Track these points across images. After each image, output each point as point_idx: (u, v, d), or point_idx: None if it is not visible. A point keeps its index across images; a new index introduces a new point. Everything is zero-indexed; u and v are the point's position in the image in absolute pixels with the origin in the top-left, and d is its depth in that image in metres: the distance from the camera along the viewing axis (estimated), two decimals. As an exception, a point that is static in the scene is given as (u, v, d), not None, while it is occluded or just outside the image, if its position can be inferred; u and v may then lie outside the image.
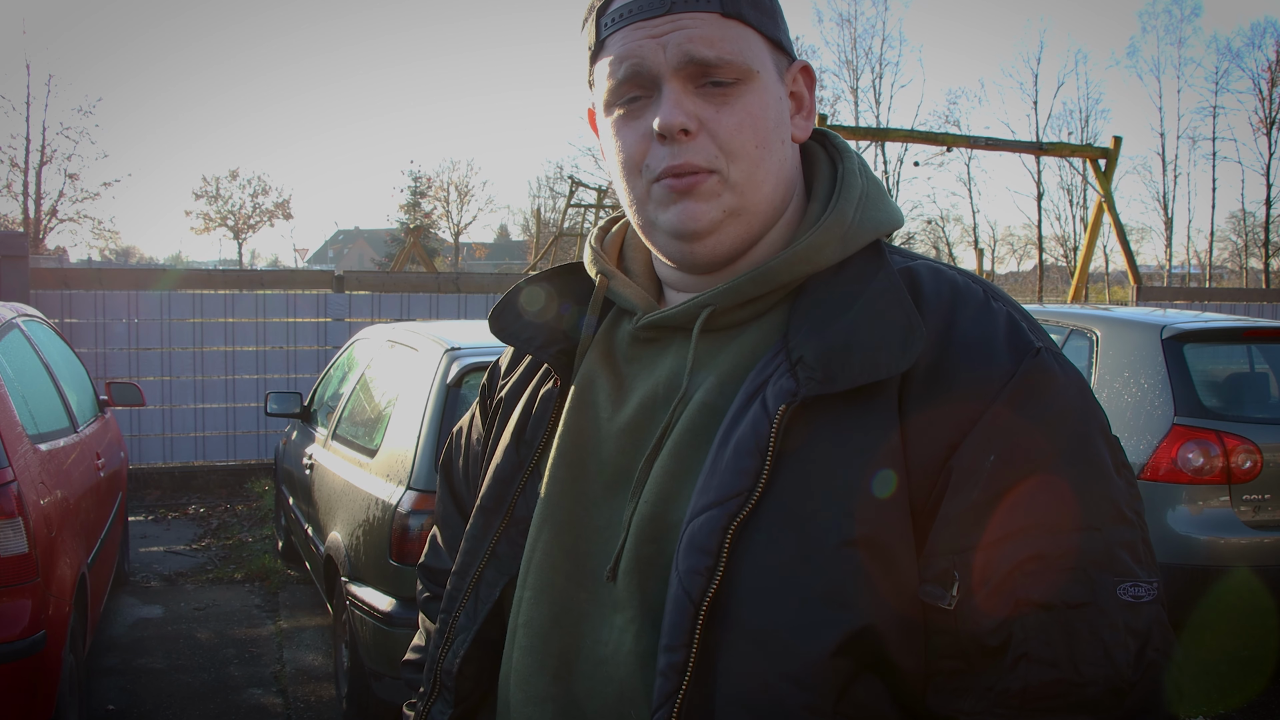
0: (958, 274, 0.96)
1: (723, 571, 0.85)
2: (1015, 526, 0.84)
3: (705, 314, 0.97)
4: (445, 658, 1.08)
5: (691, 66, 0.92)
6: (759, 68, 0.94)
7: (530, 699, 0.98)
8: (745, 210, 0.95)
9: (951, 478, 0.85)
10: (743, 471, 0.87)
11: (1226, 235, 43.81)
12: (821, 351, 0.88)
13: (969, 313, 0.91)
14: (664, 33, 0.92)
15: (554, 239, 22.59)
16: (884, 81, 40.13)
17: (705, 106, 0.93)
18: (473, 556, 1.08)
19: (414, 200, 44.51)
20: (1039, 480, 0.85)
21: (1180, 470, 4.16)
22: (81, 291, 8.03)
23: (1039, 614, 0.83)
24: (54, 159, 32.37)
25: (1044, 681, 0.82)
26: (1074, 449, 0.87)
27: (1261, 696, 4.29)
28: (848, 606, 0.84)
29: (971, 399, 0.86)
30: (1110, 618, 0.83)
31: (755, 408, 0.89)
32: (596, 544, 0.97)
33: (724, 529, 0.86)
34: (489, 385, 1.23)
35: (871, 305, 0.91)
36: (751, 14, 0.94)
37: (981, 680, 0.84)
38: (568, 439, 1.02)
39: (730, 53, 0.93)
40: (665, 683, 0.86)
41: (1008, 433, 0.85)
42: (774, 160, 0.96)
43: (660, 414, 0.97)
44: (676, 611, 0.86)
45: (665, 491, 0.93)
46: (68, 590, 3.34)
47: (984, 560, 0.84)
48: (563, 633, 0.97)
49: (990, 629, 0.83)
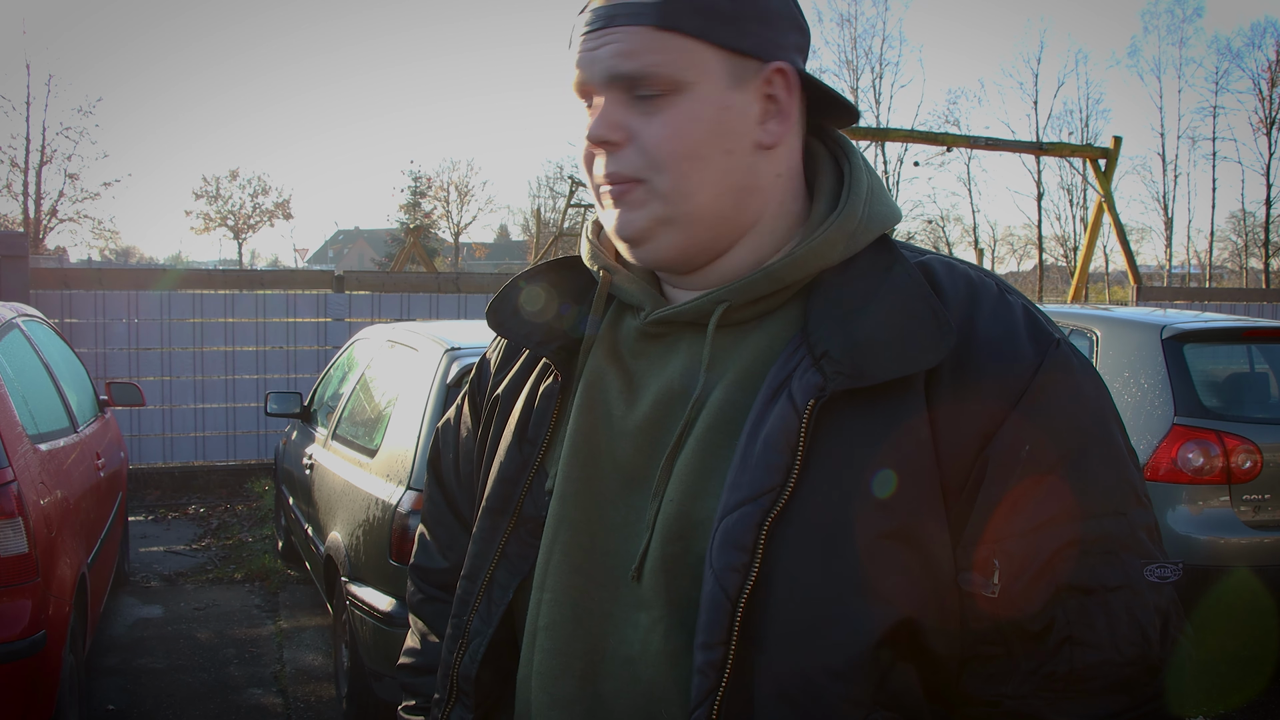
0: (970, 268, 0.98)
1: (758, 568, 0.86)
2: (1051, 514, 0.87)
3: (720, 310, 0.97)
4: (462, 662, 1.07)
5: (616, 79, 0.94)
6: (694, 78, 0.93)
7: (556, 701, 0.97)
8: (678, 219, 0.96)
9: (988, 468, 0.88)
10: (773, 467, 0.88)
11: (1226, 235, 43.82)
12: (848, 345, 0.89)
13: (988, 307, 0.93)
14: (597, 47, 0.95)
15: (554, 239, 22.59)
16: (884, 81, 40.21)
17: (636, 117, 0.95)
18: (482, 559, 1.07)
19: (414, 200, 44.47)
20: (1071, 469, 0.88)
21: (1180, 470, 4.16)
22: (81, 291, 8.03)
23: (1080, 598, 0.87)
24: (54, 159, 32.35)
25: (1089, 664, 0.86)
26: (1097, 436, 0.90)
27: (1261, 696, 4.29)
28: (885, 598, 0.85)
29: (1001, 391, 0.88)
30: (1143, 598, 0.88)
31: (782, 403, 0.89)
32: (616, 543, 0.97)
33: (758, 525, 0.86)
34: (478, 380, 1.22)
35: (895, 299, 0.92)
36: (694, 23, 0.93)
37: (1023, 665, 0.87)
38: (579, 437, 1.02)
39: (654, 64, 0.93)
40: (704, 680, 0.86)
41: (1039, 423, 0.88)
42: (712, 170, 0.95)
43: (678, 411, 0.97)
44: (713, 609, 0.87)
45: (690, 489, 0.93)
46: (68, 590, 3.34)
47: (1024, 547, 0.87)
48: (586, 633, 0.97)
49: (1033, 614, 0.86)
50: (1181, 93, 51.35)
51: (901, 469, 0.87)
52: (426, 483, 1.30)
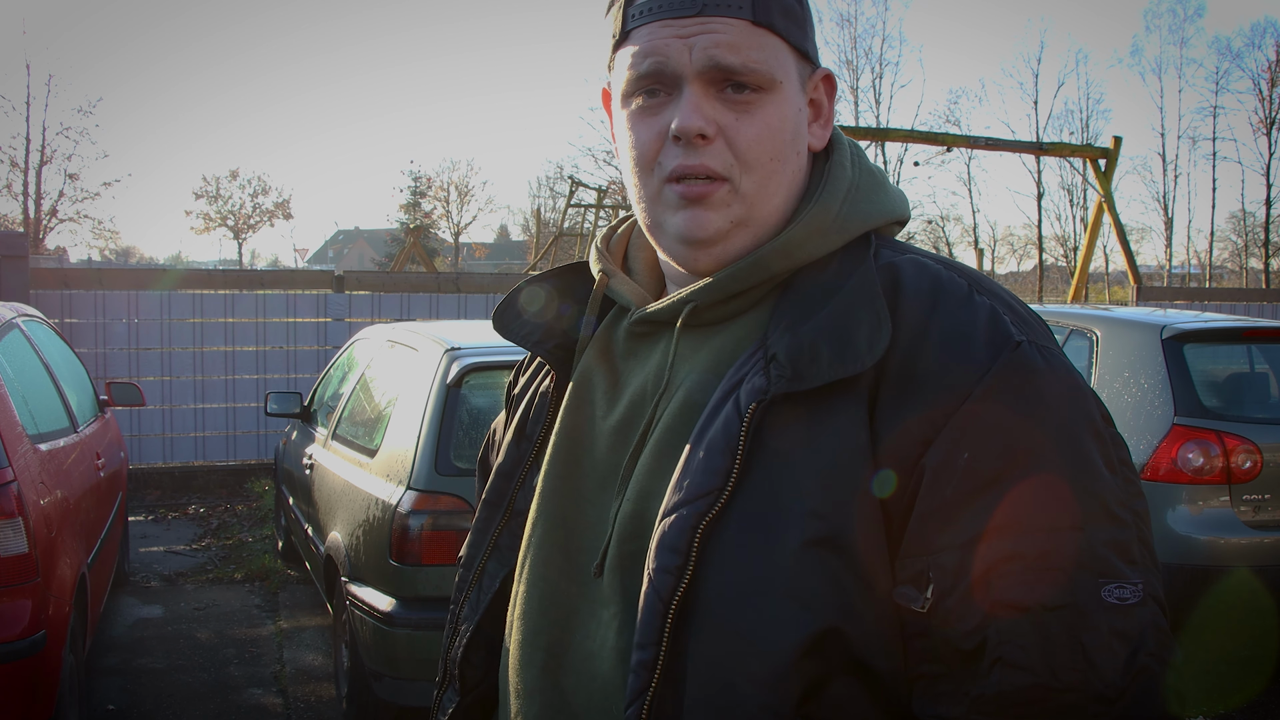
0: (943, 267, 0.94)
1: (691, 571, 0.85)
2: (990, 526, 0.81)
3: (687, 310, 0.96)
4: (452, 647, 1.10)
5: (715, 71, 0.92)
6: (782, 78, 0.94)
7: (520, 691, 0.99)
8: (752, 221, 0.95)
9: (925, 476, 0.83)
10: (713, 471, 0.87)
11: (1226, 235, 43.84)
12: (791, 349, 0.88)
13: (949, 307, 0.89)
14: (692, 34, 0.91)
15: (554, 239, 22.56)
16: (884, 81, 40.14)
17: (725, 113, 0.92)
18: (476, 549, 1.10)
19: (414, 200, 44.49)
20: (1016, 477, 0.82)
21: (1180, 470, 4.16)
22: (81, 291, 8.03)
23: (1014, 616, 0.80)
24: (54, 159, 32.40)
25: (1019, 687, 0.80)
26: (1055, 444, 0.84)
27: (1261, 696, 4.29)
28: (811, 607, 0.82)
29: (945, 395, 0.84)
30: (1091, 620, 0.80)
31: (729, 406, 0.89)
32: (588, 540, 0.98)
33: (693, 528, 0.86)
34: (512, 381, 1.24)
35: (843, 301, 0.90)
36: (781, 23, 0.94)
37: (959, 685, 0.82)
38: (563, 435, 1.04)
39: (756, 61, 0.92)
40: (637, 680, 0.86)
41: (983, 429, 0.83)
42: (787, 173, 0.96)
43: (646, 410, 0.97)
44: (648, 610, 0.87)
45: (646, 489, 0.93)
46: (68, 590, 3.34)
47: (958, 561, 0.82)
48: (553, 626, 0.98)
49: (965, 632, 0.81)
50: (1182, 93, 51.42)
51: (835, 475, 0.84)
52: (476, 481, 1.33)
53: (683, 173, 0.93)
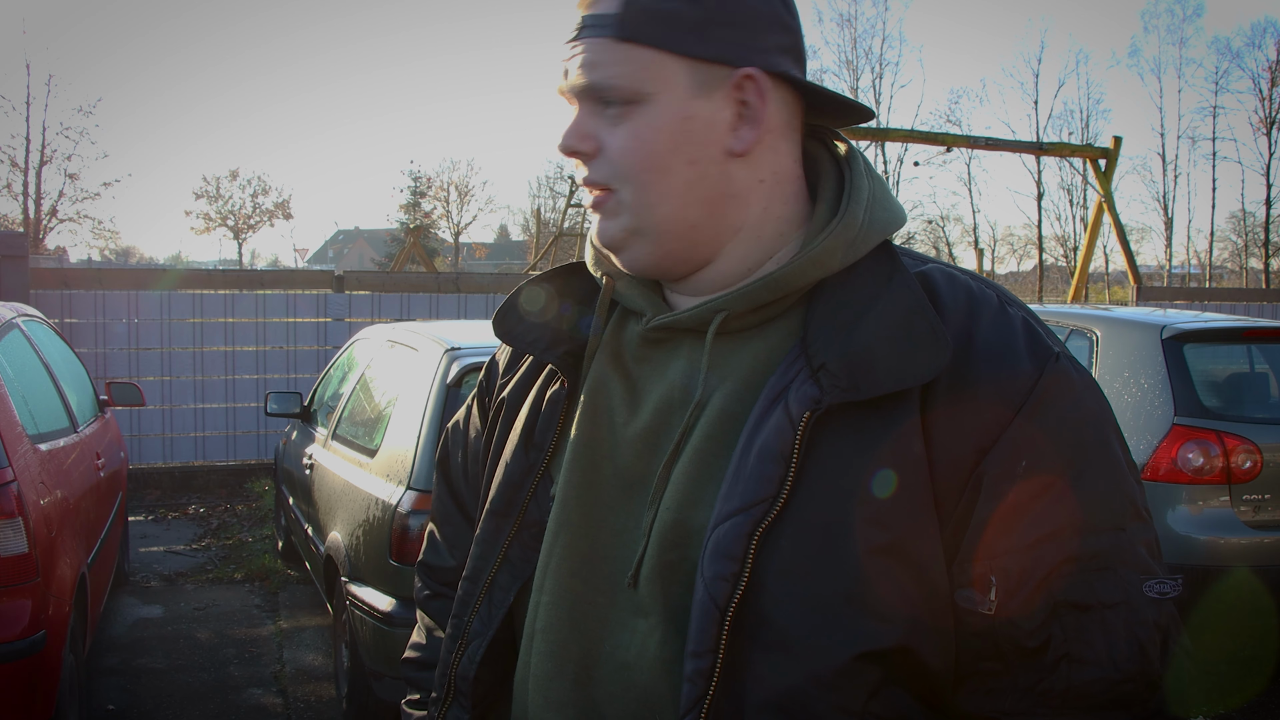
0: (970, 279, 0.97)
1: (748, 578, 0.86)
2: (1048, 530, 0.86)
3: (719, 319, 0.96)
4: (460, 662, 1.07)
5: (583, 90, 0.96)
6: (654, 89, 0.93)
7: (550, 704, 0.98)
8: (646, 230, 0.96)
9: (983, 484, 0.87)
10: (767, 478, 0.87)
11: (1226, 235, 43.82)
12: (846, 358, 0.89)
13: (987, 319, 0.92)
14: (570, 56, 0.97)
15: (554, 239, 22.58)
16: (884, 81, 40.11)
17: (604, 127, 0.96)
18: (485, 561, 1.07)
19: (414, 200, 44.45)
20: (1069, 483, 0.87)
21: (1180, 470, 4.16)
22: (81, 291, 8.03)
23: (1077, 615, 0.86)
24: (54, 159, 32.30)
25: (1086, 680, 0.86)
26: (1096, 451, 0.89)
27: (1261, 696, 4.29)
28: (875, 612, 0.85)
29: (998, 406, 0.88)
30: (1142, 614, 0.87)
31: (778, 414, 0.89)
32: (614, 549, 0.97)
33: (749, 535, 0.86)
34: (487, 382, 1.23)
35: (894, 311, 0.91)
36: (656, 33, 0.92)
37: (1021, 681, 0.87)
38: (581, 442, 1.02)
39: (615, 76, 0.93)
40: (692, 688, 0.87)
41: (1037, 438, 0.87)
42: (675, 180, 0.95)
43: (677, 419, 0.97)
44: (702, 617, 0.87)
45: (686, 497, 0.93)
46: (68, 590, 3.34)
47: (1020, 564, 0.86)
48: (582, 637, 0.97)
49: (1029, 631, 0.86)
50: (1181, 93, 51.38)
51: (894, 483, 0.87)
52: (435, 482, 1.31)
53: (584, 184, 0.99)
